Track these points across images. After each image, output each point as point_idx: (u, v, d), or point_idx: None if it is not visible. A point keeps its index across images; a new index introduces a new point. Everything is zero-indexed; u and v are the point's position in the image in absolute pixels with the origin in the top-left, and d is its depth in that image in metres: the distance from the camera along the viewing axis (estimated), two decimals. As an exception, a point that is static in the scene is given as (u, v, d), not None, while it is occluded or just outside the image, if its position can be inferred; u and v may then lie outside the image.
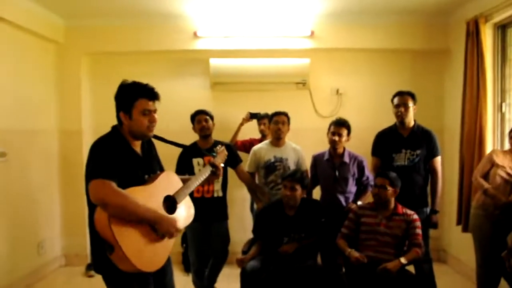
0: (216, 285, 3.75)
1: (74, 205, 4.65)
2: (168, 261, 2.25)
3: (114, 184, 1.90)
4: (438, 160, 3.62)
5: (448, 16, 4.60)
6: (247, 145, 4.31)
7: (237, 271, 3.27)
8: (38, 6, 4.25)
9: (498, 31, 4.06)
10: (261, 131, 4.41)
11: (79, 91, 4.79)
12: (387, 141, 3.66)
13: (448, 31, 4.67)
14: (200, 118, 3.64)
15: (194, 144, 3.65)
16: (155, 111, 2.13)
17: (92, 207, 1.96)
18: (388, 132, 3.72)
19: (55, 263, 4.73)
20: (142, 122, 2.08)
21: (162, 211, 2.09)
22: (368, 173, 3.69)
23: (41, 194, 4.49)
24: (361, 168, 3.66)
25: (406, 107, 3.54)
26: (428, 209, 3.60)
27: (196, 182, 2.38)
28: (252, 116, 4.52)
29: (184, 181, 2.34)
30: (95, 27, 4.71)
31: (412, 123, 3.62)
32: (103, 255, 1.93)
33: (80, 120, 4.77)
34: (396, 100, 3.60)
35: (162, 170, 2.33)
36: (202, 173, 2.45)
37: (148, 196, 2.03)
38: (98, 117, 4.86)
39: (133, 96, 2.06)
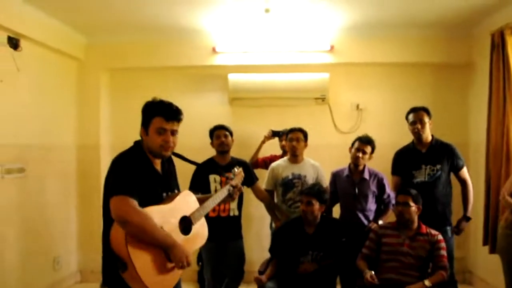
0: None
1: (90, 221, 4.64)
2: (178, 282, 2.25)
3: (136, 203, 1.91)
4: (464, 170, 3.58)
5: (472, 28, 4.49)
6: (268, 162, 4.22)
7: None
8: (61, 24, 4.34)
9: (525, 43, 3.93)
10: (282, 147, 4.31)
11: (98, 106, 4.83)
12: (406, 159, 3.59)
13: (472, 44, 4.56)
14: (219, 134, 3.58)
15: (211, 160, 3.59)
16: (172, 131, 2.13)
17: (108, 222, 1.96)
18: (406, 150, 3.66)
19: (71, 279, 4.72)
20: (156, 140, 2.08)
21: (178, 232, 2.10)
22: (389, 190, 3.59)
23: (58, 209, 4.50)
24: (381, 185, 3.56)
25: (422, 123, 3.48)
26: (450, 229, 3.50)
27: (212, 203, 2.38)
28: (274, 134, 4.43)
29: (201, 201, 2.34)
30: (114, 44, 4.77)
31: (429, 138, 3.55)
32: (114, 272, 1.92)
33: (98, 135, 4.80)
34: (411, 117, 3.54)
35: (179, 188, 2.33)
36: (219, 195, 2.45)
37: (166, 216, 2.05)
38: (116, 133, 4.89)
39: (152, 113, 2.09)
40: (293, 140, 3.63)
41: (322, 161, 3.94)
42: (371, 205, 3.55)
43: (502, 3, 3.84)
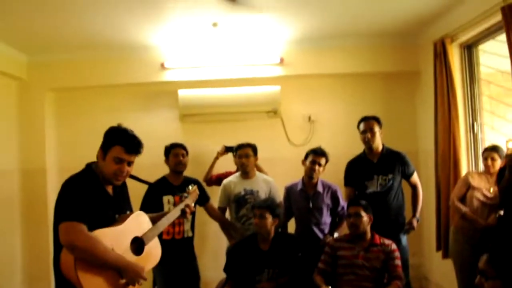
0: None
1: (37, 249, 4.39)
2: None
3: (84, 228, 1.89)
4: (415, 175, 3.64)
5: (416, 37, 4.60)
6: (223, 178, 4.14)
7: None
8: (-1, 42, 4.11)
9: (464, 50, 4.06)
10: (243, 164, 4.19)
11: (43, 128, 4.61)
12: (358, 169, 3.60)
13: (417, 53, 4.67)
14: (177, 152, 3.46)
15: (164, 179, 3.46)
16: (129, 163, 2.12)
17: (58, 247, 1.95)
18: (358, 160, 3.66)
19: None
20: (111, 168, 2.08)
21: (129, 253, 2.08)
22: (343, 202, 3.58)
23: (0, 238, 4.23)
24: (335, 197, 3.56)
25: (373, 132, 3.49)
26: (405, 237, 3.54)
27: (166, 222, 2.37)
28: (228, 149, 4.35)
29: (153, 220, 2.32)
30: (59, 62, 4.59)
31: (380, 148, 3.57)
32: None
33: (44, 158, 4.57)
34: (362, 126, 3.56)
35: (131, 209, 2.31)
36: (173, 214, 2.43)
37: (117, 237, 2.03)
38: (64, 154, 4.68)
39: (113, 141, 2.09)
40: (242, 156, 3.58)
41: (276, 174, 3.91)
42: (326, 218, 3.53)
43: (443, 13, 3.95)
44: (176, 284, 3.40)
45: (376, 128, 3.50)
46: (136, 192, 2.95)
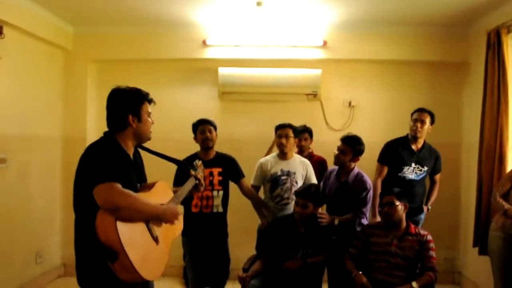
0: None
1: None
2: None
3: (120, 186, 1.88)
4: (439, 174, 4.00)
5: (467, 27, 4.41)
6: None
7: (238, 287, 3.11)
8: (47, 12, 4.22)
9: (521, 42, 3.86)
10: (301, 147, 4.06)
11: (85, 98, 4.72)
12: (399, 152, 3.79)
13: (467, 43, 4.48)
14: (203, 128, 3.43)
15: (195, 156, 3.46)
16: None
17: (85, 215, 1.92)
18: (400, 142, 3.82)
19: (54, 273, 4.61)
20: (149, 125, 2.19)
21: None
22: (369, 205, 3.39)
23: (41, 202, 4.39)
24: (361, 196, 3.35)
25: (423, 124, 3.74)
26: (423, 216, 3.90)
27: (184, 192, 2.43)
28: None
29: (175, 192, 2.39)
30: (103, 34, 4.66)
31: (423, 140, 3.84)
32: (92, 268, 1.92)
33: (85, 128, 4.69)
34: (415, 115, 3.81)
35: (146, 179, 2.32)
36: (185, 187, 2.47)
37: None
38: (103, 125, 4.72)
39: (140, 99, 2.15)
40: (281, 136, 3.53)
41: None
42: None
43: (498, 2, 3.77)
44: (203, 258, 3.42)
45: (427, 121, 3.75)
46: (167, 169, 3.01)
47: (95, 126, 4.79)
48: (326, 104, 4.75)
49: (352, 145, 3.34)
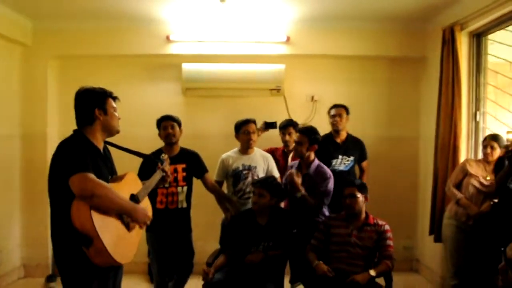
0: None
1: (36, 214, 4.41)
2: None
3: (95, 176, 2.00)
4: (366, 162, 4.24)
5: (425, 23, 4.55)
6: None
7: (202, 282, 3.12)
8: (4, 7, 4.07)
9: (473, 39, 4.03)
10: (285, 142, 4.08)
11: (45, 95, 4.60)
12: (326, 148, 3.88)
13: (425, 39, 4.62)
14: (166, 124, 3.45)
15: (160, 151, 3.47)
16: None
17: (60, 206, 2.02)
18: (325, 139, 3.93)
19: (14, 275, 4.47)
20: (115, 118, 2.31)
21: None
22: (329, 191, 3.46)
23: (-1, 201, 4.29)
24: (323, 187, 3.41)
25: (341, 117, 4.04)
26: None
27: (152, 183, 2.53)
28: (268, 125, 4.11)
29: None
30: (64, 29, 4.54)
31: (345, 132, 4.14)
32: (68, 254, 2.04)
33: (45, 125, 4.57)
34: (333, 111, 4.09)
35: (116, 172, 2.40)
36: (154, 178, 2.57)
37: (120, 192, 2.16)
38: (65, 122, 4.65)
39: (104, 96, 2.28)
40: (250, 133, 3.59)
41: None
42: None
43: (453, 1, 3.89)
44: (167, 254, 3.44)
45: (344, 114, 4.08)
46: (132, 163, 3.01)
47: (56, 123, 4.70)
48: (290, 99, 4.81)
49: (307, 134, 3.41)
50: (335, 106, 4.12)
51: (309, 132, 3.42)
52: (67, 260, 2.08)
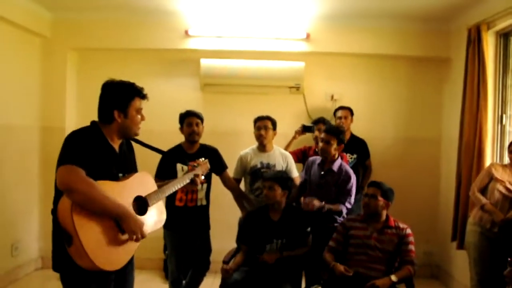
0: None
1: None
2: (131, 264, 2.17)
3: (82, 172, 1.85)
4: (369, 160, 4.44)
5: (449, 23, 4.44)
6: (299, 154, 4.09)
7: (218, 281, 3.08)
8: (23, -3, 4.07)
9: (500, 39, 3.91)
10: (315, 139, 4.05)
11: (64, 87, 4.60)
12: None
13: (449, 39, 4.51)
14: (191, 121, 3.35)
15: (179, 147, 3.41)
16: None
17: (57, 198, 1.90)
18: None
19: (31, 266, 4.51)
20: (137, 121, 2.13)
21: (131, 210, 2.02)
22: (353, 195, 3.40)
23: (17, 192, 4.29)
24: (344, 185, 3.35)
25: (346, 119, 4.29)
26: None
27: (172, 188, 2.34)
28: (306, 129, 4.15)
29: (160, 187, 2.30)
30: (83, 22, 4.53)
31: (349, 133, 4.30)
32: (62, 251, 1.87)
33: (64, 117, 4.58)
34: (339, 113, 4.34)
35: (135, 171, 2.26)
36: (180, 181, 2.42)
37: (119, 192, 1.99)
38: (83, 115, 4.65)
39: (130, 95, 2.10)
40: (260, 128, 3.52)
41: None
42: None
43: (479, -1, 3.79)
44: (185, 252, 3.39)
45: (349, 116, 4.33)
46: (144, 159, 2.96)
47: (75, 115, 4.71)
48: (309, 97, 4.73)
49: (336, 134, 3.35)
50: (341, 108, 4.35)
51: (337, 132, 3.37)
52: (60, 259, 1.95)
